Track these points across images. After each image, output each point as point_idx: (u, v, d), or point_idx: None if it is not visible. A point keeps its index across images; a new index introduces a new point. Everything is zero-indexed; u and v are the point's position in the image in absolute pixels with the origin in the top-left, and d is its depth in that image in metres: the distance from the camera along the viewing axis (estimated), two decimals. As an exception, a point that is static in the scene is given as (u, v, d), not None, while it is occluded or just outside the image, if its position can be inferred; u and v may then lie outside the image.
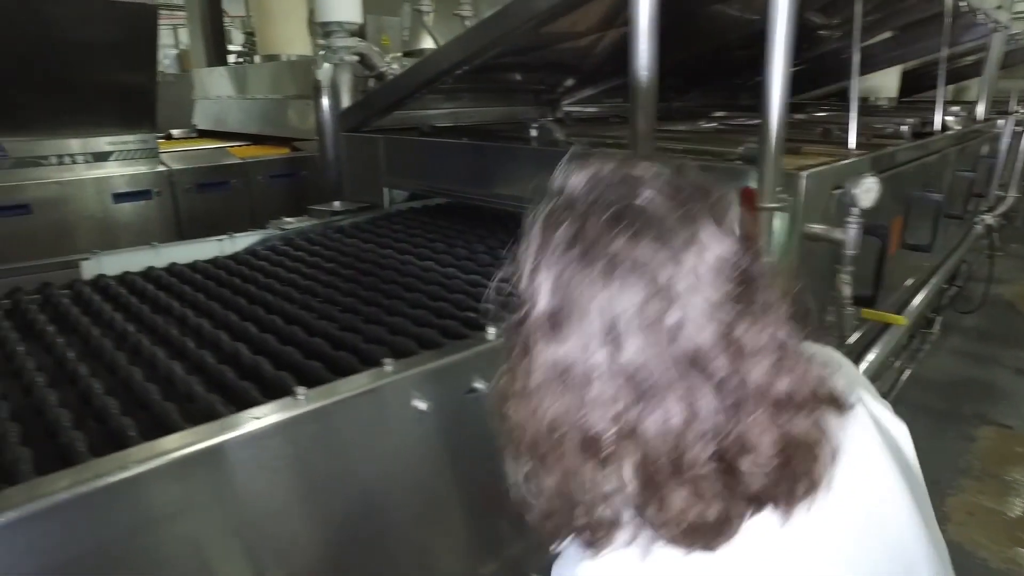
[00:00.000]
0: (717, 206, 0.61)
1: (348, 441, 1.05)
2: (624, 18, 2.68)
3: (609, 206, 0.60)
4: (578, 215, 0.61)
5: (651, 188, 0.61)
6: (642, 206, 0.60)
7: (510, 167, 2.23)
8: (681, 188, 0.61)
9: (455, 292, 1.70)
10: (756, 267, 0.61)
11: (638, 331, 0.58)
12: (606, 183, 0.62)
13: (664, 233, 0.58)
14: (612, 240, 0.59)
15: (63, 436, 1.04)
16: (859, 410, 0.72)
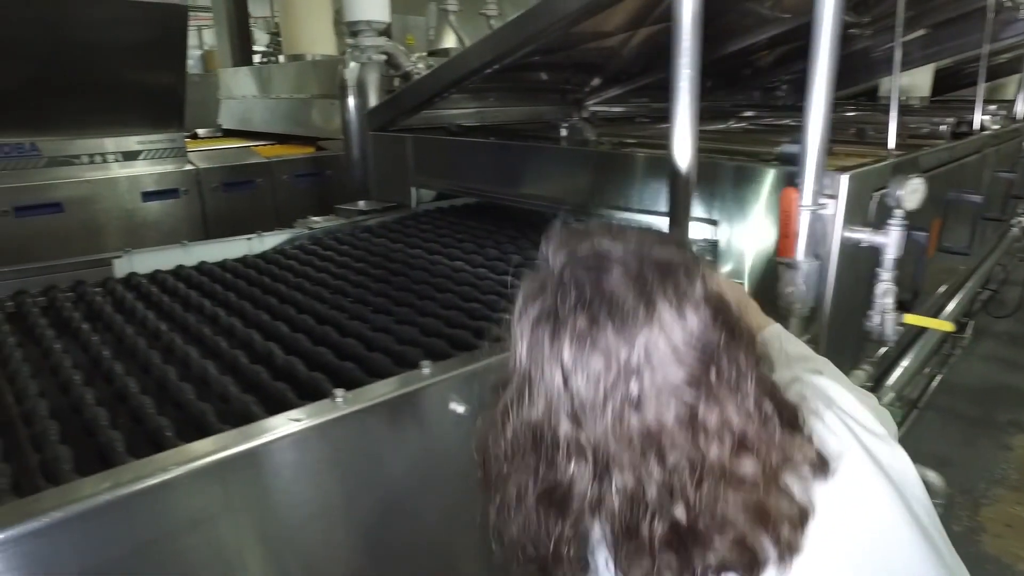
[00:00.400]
0: (681, 286, 0.63)
1: (386, 444, 1.03)
2: (656, 16, 2.66)
3: (579, 287, 0.63)
4: (552, 293, 0.65)
5: (618, 269, 0.64)
6: (608, 289, 0.63)
7: (540, 167, 2.21)
8: (646, 269, 0.64)
9: (487, 293, 1.68)
10: (723, 343, 0.63)
11: (598, 408, 0.62)
12: (579, 262, 0.66)
13: (626, 318, 0.61)
14: (577, 322, 0.62)
15: (101, 435, 1.04)
16: (853, 447, 0.73)
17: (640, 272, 0.63)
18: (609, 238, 0.67)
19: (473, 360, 1.16)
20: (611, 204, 1.97)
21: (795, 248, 1.48)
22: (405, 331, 1.45)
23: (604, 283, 0.63)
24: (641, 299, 0.61)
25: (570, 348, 0.62)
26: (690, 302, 0.62)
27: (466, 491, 1.18)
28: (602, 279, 0.63)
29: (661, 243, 0.68)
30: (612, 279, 0.63)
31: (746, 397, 0.63)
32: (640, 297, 0.62)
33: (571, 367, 0.62)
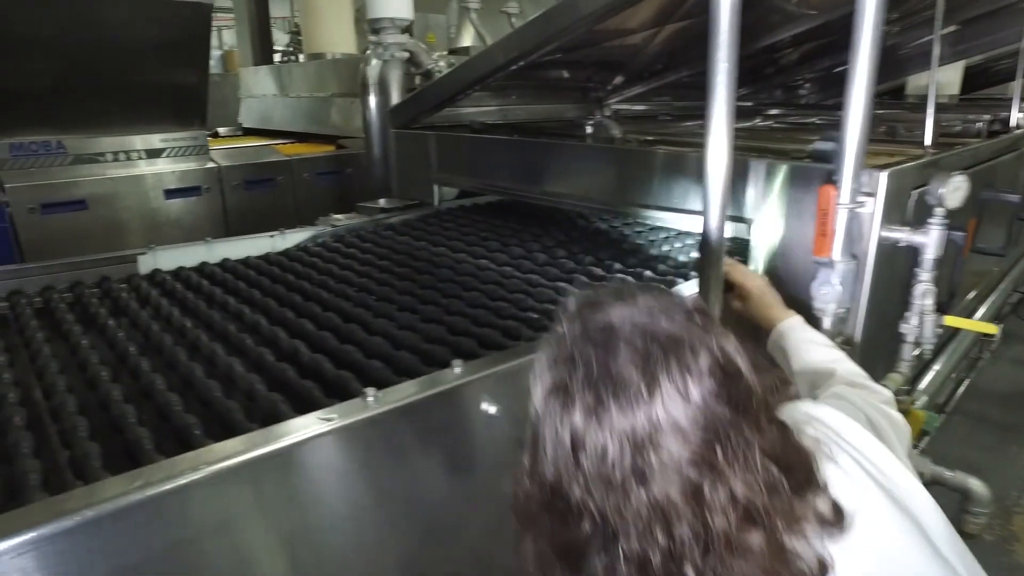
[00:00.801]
0: (685, 361, 0.64)
1: (417, 445, 1.01)
2: (683, 12, 2.62)
3: (587, 365, 0.66)
4: (563, 366, 0.68)
5: (624, 348, 0.65)
6: (614, 369, 0.64)
7: (565, 164, 2.18)
8: (652, 346, 0.65)
9: (514, 292, 1.66)
10: (729, 418, 0.64)
11: (605, 480, 0.64)
12: (589, 337, 0.68)
13: (631, 397, 0.63)
14: (585, 398, 0.65)
15: (129, 432, 1.03)
16: (870, 490, 0.75)
17: (646, 350, 0.65)
18: (620, 308, 0.69)
19: (505, 360, 1.13)
20: (640, 202, 1.94)
21: (831, 247, 1.44)
22: (432, 329, 1.43)
23: (610, 362, 0.65)
24: (645, 378, 0.63)
25: (579, 422, 0.64)
26: (694, 378, 0.64)
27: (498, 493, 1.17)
28: (608, 358, 0.65)
29: (670, 313, 0.68)
30: (618, 358, 0.65)
31: (752, 470, 0.64)
32: (645, 376, 0.63)
33: (580, 440, 0.64)
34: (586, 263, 1.90)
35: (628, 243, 2.12)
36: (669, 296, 0.73)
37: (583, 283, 1.73)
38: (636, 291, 0.72)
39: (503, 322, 1.46)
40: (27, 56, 2.94)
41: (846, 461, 0.76)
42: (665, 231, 2.26)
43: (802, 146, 2.34)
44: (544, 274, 1.81)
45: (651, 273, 1.82)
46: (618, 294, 0.72)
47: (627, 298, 0.71)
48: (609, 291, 0.73)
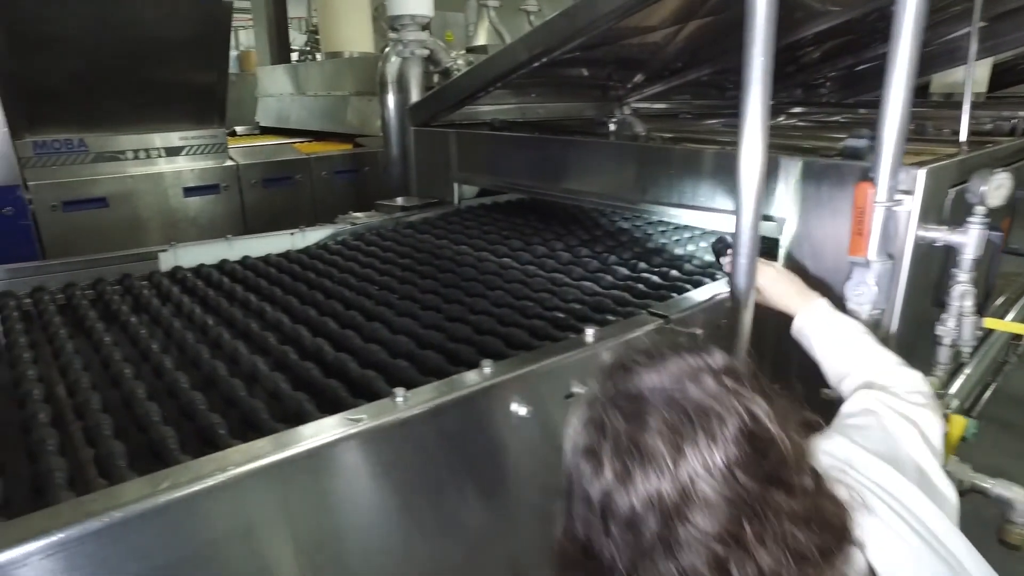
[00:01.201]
0: (713, 430, 0.64)
1: (447, 446, 0.98)
2: (707, 9, 2.58)
3: (615, 435, 0.66)
4: (594, 431, 0.69)
5: (652, 419, 0.66)
6: (641, 441, 0.65)
7: (590, 162, 2.14)
8: (679, 417, 0.65)
9: (539, 291, 1.63)
10: (757, 490, 0.63)
11: (631, 546, 0.65)
12: (620, 405, 0.69)
13: (658, 469, 0.63)
14: (614, 466, 0.66)
15: (153, 431, 1.01)
16: (909, 538, 0.75)
17: (673, 421, 0.65)
18: (650, 374, 0.70)
19: (535, 360, 1.10)
20: (667, 200, 1.90)
21: (867, 246, 1.40)
22: (457, 329, 1.40)
23: (638, 434, 0.65)
24: (672, 451, 0.63)
25: (607, 489, 0.65)
26: (721, 449, 0.63)
27: (527, 495, 1.14)
28: (636, 429, 0.66)
29: (699, 379, 0.68)
30: (646, 430, 0.65)
31: (781, 542, 0.63)
32: (671, 448, 0.63)
33: (608, 506, 0.66)
34: (610, 262, 1.87)
35: (653, 242, 2.09)
36: (699, 357, 0.72)
37: (609, 282, 1.70)
38: (667, 353, 0.72)
39: (529, 321, 1.43)
40: (52, 55, 2.96)
41: (882, 509, 0.76)
42: (689, 230, 2.22)
43: (830, 144, 2.30)
44: (568, 273, 1.78)
45: (677, 272, 1.78)
46: (649, 357, 0.72)
47: (657, 362, 0.71)
48: (641, 353, 0.74)
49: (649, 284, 1.70)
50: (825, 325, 1.32)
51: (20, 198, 3.01)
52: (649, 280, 1.72)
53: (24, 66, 2.92)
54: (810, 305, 1.36)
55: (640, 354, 0.74)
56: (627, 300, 1.58)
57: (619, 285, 1.69)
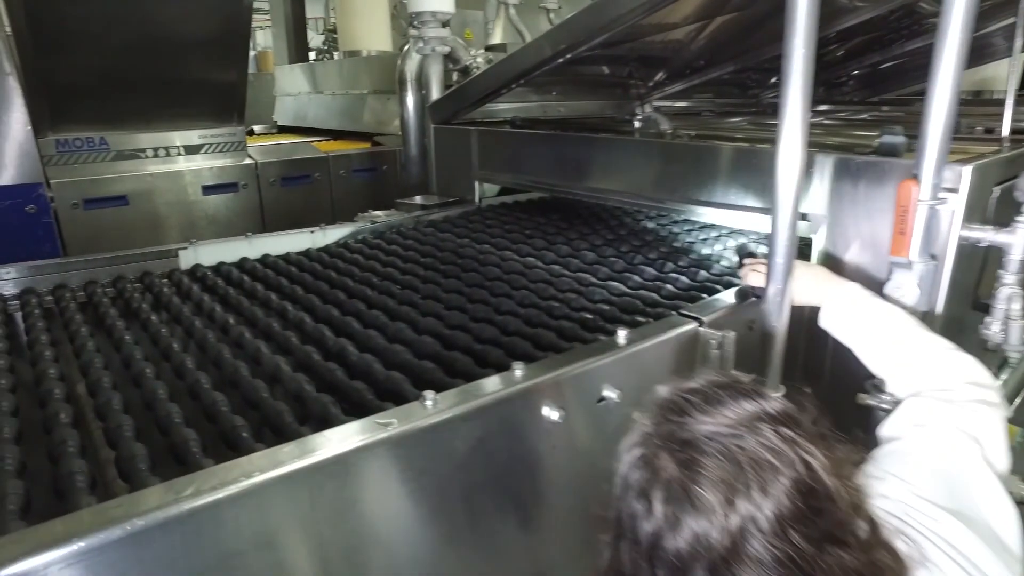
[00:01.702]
0: (767, 484, 0.62)
1: (477, 452, 0.94)
2: (735, 5, 2.52)
3: (668, 481, 0.65)
4: (645, 472, 0.67)
5: (706, 468, 0.63)
6: (693, 491, 0.63)
7: (614, 160, 2.10)
8: (733, 471, 0.63)
9: (565, 291, 1.59)
10: (811, 549, 0.61)
11: None
12: (672, 449, 0.66)
13: (710, 518, 0.61)
14: (664, 511, 0.64)
15: (175, 434, 0.98)
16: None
17: (726, 474, 0.63)
18: (705, 421, 0.67)
19: (567, 363, 1.06)
20: (695, 199, 1.85)
21: (910, 247, 1.35)
22: (483, 329, 1.36)
23: (690, 483, 0.63)
24: (724, 505, 0.62)
25: (657, 532, 0.64)
26: (773, 504, 0.61)
27: (560, 503, 1.10)
28: (689, 478, 0.64)
29: (756, 428, 0.66)
30: (698, 480, 0.63)
31: None
32: (724, 503, 0.62)
33: (656, 550, 0.64)
34: (636, 262, 1.82)
35: (679, 242, 2.04)
36: (757, 401, 0.69)
37: (636, 282, 1.66)
38: (723, 396, 0.69)
39: (557, 322, 1.39)
40: (75, 53, 2.97)
41: (943, 561, 0.73)
42: (716, 229, 2.17)
43: (855, 140, 2.24)
44: (594, 273, 1.74)
45: (706, 273, 1.74)
46: (705, 400, 0.69)
47: (713, 405, 0.69)
48: (697, 393, 0.71)
49: (678, 285, 1.65)
50: (859, 311, 1.24)
51: (42, 196, 3.01)
52: (677, 281, 1.67)
53: (47, 64, 2.93)
54: (838, 291, 1.30)
55: (696, 394, 0.71)
56: (656, 301, 1.53)
57: (647, 285, 1.65)
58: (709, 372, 0.77)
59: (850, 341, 1.23)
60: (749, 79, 3.78)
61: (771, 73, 3.80)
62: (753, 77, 3.80)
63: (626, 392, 1.13)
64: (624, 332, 1.17)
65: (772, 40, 3.04)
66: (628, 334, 1.18)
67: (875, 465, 0.88)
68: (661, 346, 1.24)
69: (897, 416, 0.99)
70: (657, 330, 1.26)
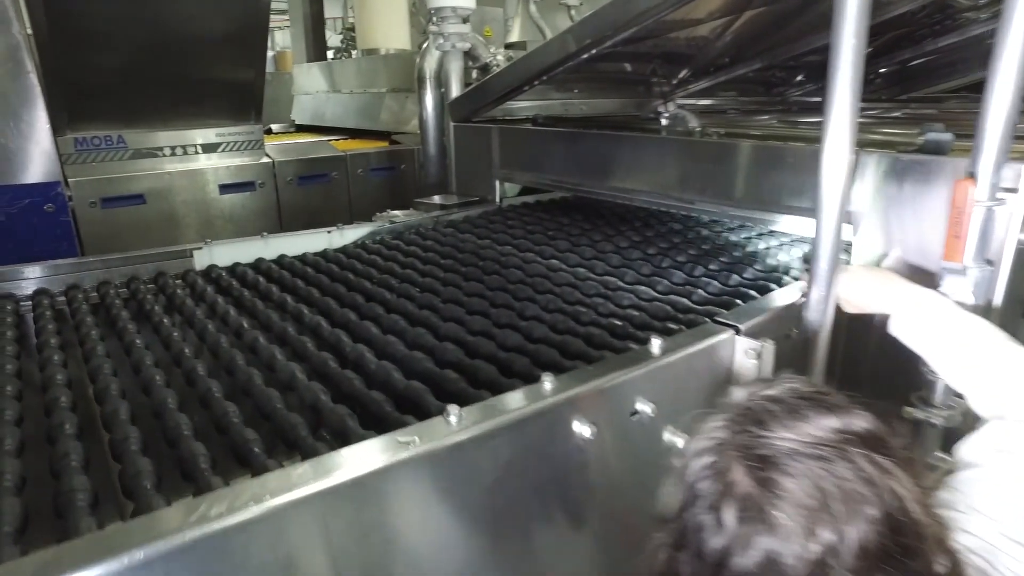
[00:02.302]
0: (854, 516, 0.56)
1: (503, 472, 0.88)
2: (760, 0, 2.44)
3: (744, 498, 0.60)
4: (717, 484, 0.62)
5: (788, 490, 0.58)
6: (771, 516, 0.58)
7: (641, 159, 2.02)
8: (818, 494, 0.57)
9: (591, 295, 1.52)
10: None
11: None
12: (748, 463, 0.61)
13: (786, 547, 0.57)
14: (736, 531, 0.59)
15: (183, 447, 0.93)
16: None
17: (809, 499, 0.57)
18: (787, 435, 0.62)
19: (599, 374, 0.99)
20: (729, 200, 1.78)
21: (964, 251, 1.26)
22: (508, 336, 1.30)
23: (768, 503, 0.59)
24: (803, 532, 0.57)
25: (726, 550, 0.60)
26: (858, 536, 0.56)
27: (592, 524, 1.03)
28: (766, 497, 0.59)
29: (844, 450, 0.60)
30: (778, 500, 0.58)
31: None
32: (803, 529, 0.57)
33: (721, 565, 0.60)
34: (664, 265, 1.75)
35: (708, 243, 1.95)
36: (843, 417, 0.63)
37: (665, 286, 1.58)
38: (805, 410, 0.63)
39: (584, 329, 1.32)
40: (93, 51, 2.95)
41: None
42: (746, 230, 2.08)
43: (899, 139, 2.14)
44: (621, 276, 1.66)
45: (739, 277, 1.65)
46: (788, 411, 0.63)
47: (796, 419, 0.63)
48: (778, 403, 0.65)
49: (709, 289, 1.57)
50: (938, 319, 1.14)
51: (61, 195, 3.00)
52: (709, 285, 1.60)
53: (66, 63, 2.91)
54: (914, 297, 1.20)
55: (777, 403, 0.65)
56: (687, 306, 1.46)
57: (676, 290, 1.57)
58: (790, 378, 0.70)
59: (926, 352, 1.14)
60: (774, 76, 3.69)
61: (797, 70, 3.70)
62: (778, 75, 3.70)
63: (660, 405, 1.06)
64: (658, 341, 1.10)
65: (801, 36, 2.95)
66: (663, 343, 1.10)
67: (952, 491, 0.80)
68: (696, 356, 1.17)
69: (979, 439, 0.90)
70: (692, 339, 1.19)
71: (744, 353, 1.23)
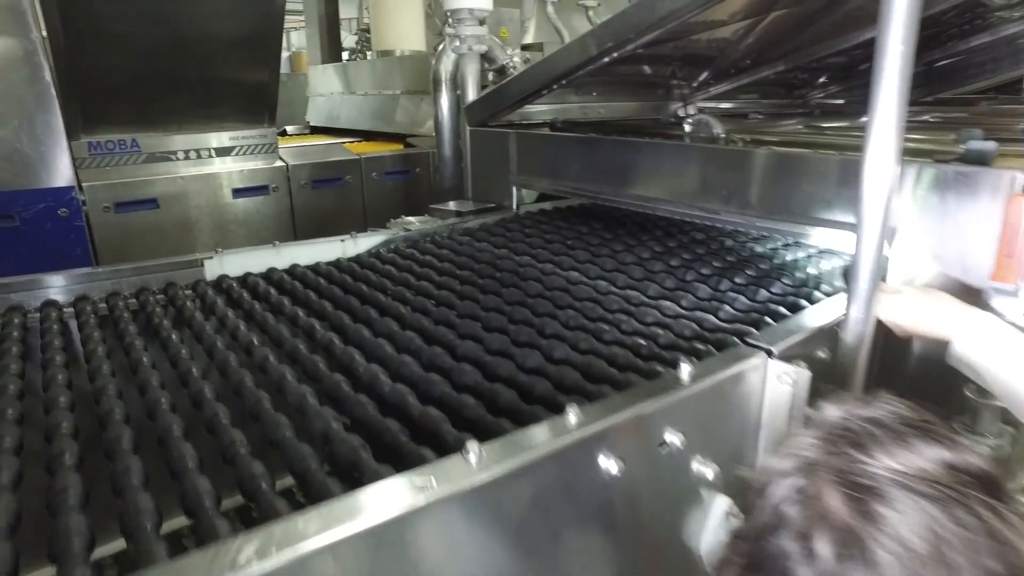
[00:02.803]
0: (970, 566, 0.50)
1: (526, 511, 0.82)
2: (786, 1, 2.36)
3: (841, 532, 0.54)
4: (809, 511, 0.56)
5: (894, 523, 0.52)
6: (877, 550, 0.52)
7: (662, 166, 1.96)
8: (932, 548, 0.51)
9: (614, 310, 1.45)
10: None
11: None
12: (843, 492, 0.55)
13: None
14: (825, 563, 0.53)
15: (187, 480, 0.88)
16: None
17: (917, 540, 0.51)
18: (893, 463, 0.55)
19: (627, 405, 0.93)
20: (757, 212, 1.71)
21: (1017, 272, 1.18)
22: (527, 355, 1.24)
23: (868, 538, 0.52)
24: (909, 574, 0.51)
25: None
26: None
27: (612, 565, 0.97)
28: (867, 531, 0.53)
29: (962, 494, 0.53)
30: (880, 538, 0.52)
31: None
32: (909, 572, 0.51)
33: None
34: (688, 279, 1.68)
35: (733, 256, 1.88)
36: (957, 451, 0.56)
37: (691, 302, 1.51)
38: (913, 437, 0.57)
39: (608, 348, 1.26)
40: (107, 55, 2.93)
41: None
42: (772, 240, 2.01)
43: (936, 146, 2.05)
44: (644, 290, 1.60)
45: (767, 292, 1.58)
46: (892, 438, 0.57)
47: (901, 448, 0.56)
48: (880, 426, 0.59)
49: (736, 305, 1.50)
50: (1002, 344, 1.06)
51: (75, 199, 2.98)
52: (735, 300, 1.53)
53: (81, 66, 2.90)
54: (973, 321, 1.12)
55: (879, 426, 0.59)
56: (714, 324, 1.39)
57: (702, 305, 1.51)
58: (889, 399, 0.63)
59: (993, 382, 1.06)
60: (796, 78, 3.60)
61: (820, 72, 3.61)
62: (800, 76, 3.61)
63: (689, 434, 1.00)
64: (688, 367, 1.04)
65: (826, 37, 2.86)
66: (692, 370, 1.04)
67: None
68: (727, 382, 1.10)
69: None
70: (722, 364, 1.12)
71: (777, 378, 1.16)
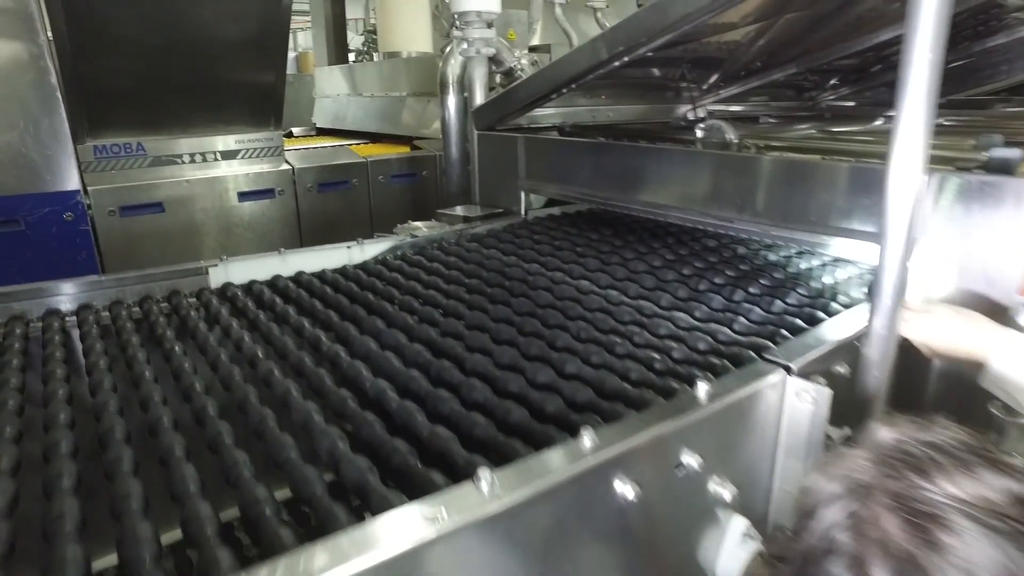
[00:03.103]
0: None
1: (537, 542, 0.79)
2: (803, 2, 2.32)
3: (900, 561, 0.51)
4: (862, 534, 0.54)
5: (958, 555, 0.49)
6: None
7: (673, 173, 1.92)
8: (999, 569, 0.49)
9: (626, 322, 1.42)
10: None
11: None
12: (902, 518, 0.53)
13: None
14: None
15: (189, 506, 0.85)
16: None
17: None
18: (954, 488, 0.52)
19: (643, 426, 0.90)
20: (772, 221, 1.67)
21: (1045, 285, 1.15)
22: (538, 370, 1.21)
23: (931, 567, 0.50)
24: None
25: None
26: None
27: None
28: (929, 560, 0.50)
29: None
30: (942, 570, 0.49)
31: None
32: None
33: None
34: (701, 288, 1.64)
35: (747, 264, 1.84)
36: (1018, 480, 0.53)
37: (705, 313, 1.48)
38: (975, 464, 0.54)
39: (621, 362, 1.22)
40: (114, 58, 2.91)
41: None
42: (784, 248, 1.97)
43: (954, 152, 2.01)
44: (656, 300, 1.56)
45: (782, 303, 1.54)
46: (954, 464, 0.54)
47: (966, 475, 0.53)
48: (939, 451, 0.56)
49: (751, 317, 1.47)
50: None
51: (80, 203, 2.97)
52: (750, 312, 1.49)
53: (86, 69, 2.88)
54: (1009, 343, 1.08)
55: (938, 451, 0.56)
56: (730, 337, 1.35)
57: (716, 317, 1.47)
58: (947, 424, 0.60)
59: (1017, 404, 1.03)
60: (807, 81, 3.56)
61: (831, 75, 3.57)
62: (811, 79, 3.57)
63: (706, 455, 0.97)
64: (705, 386, 1.00)
65: (837, 40, 2.82)
66: (709, 388, 1.01)
67: None
68: (745, 401, 1.07)
69: None
70: (740, 382, 1.08)
71: (796, 396, 1.12)
